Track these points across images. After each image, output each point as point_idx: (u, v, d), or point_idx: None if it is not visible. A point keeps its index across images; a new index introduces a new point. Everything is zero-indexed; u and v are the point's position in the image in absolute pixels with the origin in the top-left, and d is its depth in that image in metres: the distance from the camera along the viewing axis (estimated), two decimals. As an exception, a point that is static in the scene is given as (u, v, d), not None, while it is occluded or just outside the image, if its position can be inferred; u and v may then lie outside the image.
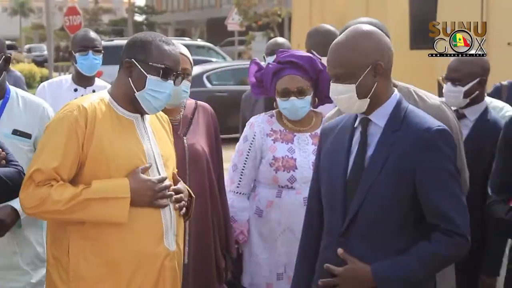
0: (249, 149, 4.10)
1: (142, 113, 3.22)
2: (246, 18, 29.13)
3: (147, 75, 3.13)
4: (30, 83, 30.28)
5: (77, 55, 5.04)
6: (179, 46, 3.81)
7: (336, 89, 2.94)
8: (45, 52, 38.96)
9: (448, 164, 2.84)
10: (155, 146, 3.21)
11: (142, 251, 3.09)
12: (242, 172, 4.11)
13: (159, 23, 56.50)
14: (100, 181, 3.04)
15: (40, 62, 38.26)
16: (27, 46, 53.89)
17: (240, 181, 4.13)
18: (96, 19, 60.48)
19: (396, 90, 2.99)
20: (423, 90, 3.46)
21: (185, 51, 3.82)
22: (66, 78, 5.20)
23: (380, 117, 2.93)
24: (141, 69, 3.13)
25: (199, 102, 4.02)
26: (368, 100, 2.91)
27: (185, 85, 3.78)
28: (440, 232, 2.81)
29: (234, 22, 29.64)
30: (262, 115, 4.22)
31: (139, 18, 56.76)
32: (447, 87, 4.14)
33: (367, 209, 2.86)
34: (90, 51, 5.02)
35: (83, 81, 5.10)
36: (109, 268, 3.06)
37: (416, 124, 2.87)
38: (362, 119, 2.97)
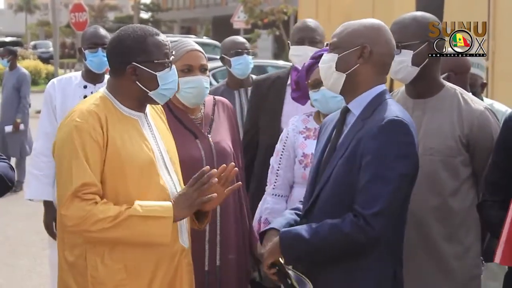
0: (283, 149, 4.04)
1: (148, 104, 3.19)
2: (252, 16, 29.07)
3: (155, 73, 3.08)
4: (35, 80, 30.30)
5: (86, 52, 5.05)
6: (191, 42, 3.82)
7: (323, 58, 3.09)
8: (51, 49, 38.97)
9: (393, 148, 2.85)
10: (160, 142, 3.21)
11: (160, 252, 3.08)
12: (277, 173, 4.04)
13: (164, 21, 56.47)
14: (143, 201, 3.00)
15: (46, 59, 38.28)
16: (32, 43, 53.99)
17: (275, 182, 4.04)
18: (101, 16, 60.51)
19: (384, 85, 3.04)
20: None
21: (199, 47, 3.79)
22: (76, 75, 5.20)
23: (357, 107, 3.02)
24: (148, 70, 3.07)
25: (216, 97, 3.97)
26: (344, 76, 3.00)
27: (206, 81, 3.76)
28: (351, 212, 2.85)
29: (239, 20, 29.58)
30: (300, 115, 4.16)
31: (144, 15, 56.74)
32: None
33: (327, 192, 2.95)
34: (100, 48, 5.02)
35: (93, 78, 5.11)
36: (128, 272, 3.04)
37: (379, 114, 2.93)
38: (343, 108, 3.08)
